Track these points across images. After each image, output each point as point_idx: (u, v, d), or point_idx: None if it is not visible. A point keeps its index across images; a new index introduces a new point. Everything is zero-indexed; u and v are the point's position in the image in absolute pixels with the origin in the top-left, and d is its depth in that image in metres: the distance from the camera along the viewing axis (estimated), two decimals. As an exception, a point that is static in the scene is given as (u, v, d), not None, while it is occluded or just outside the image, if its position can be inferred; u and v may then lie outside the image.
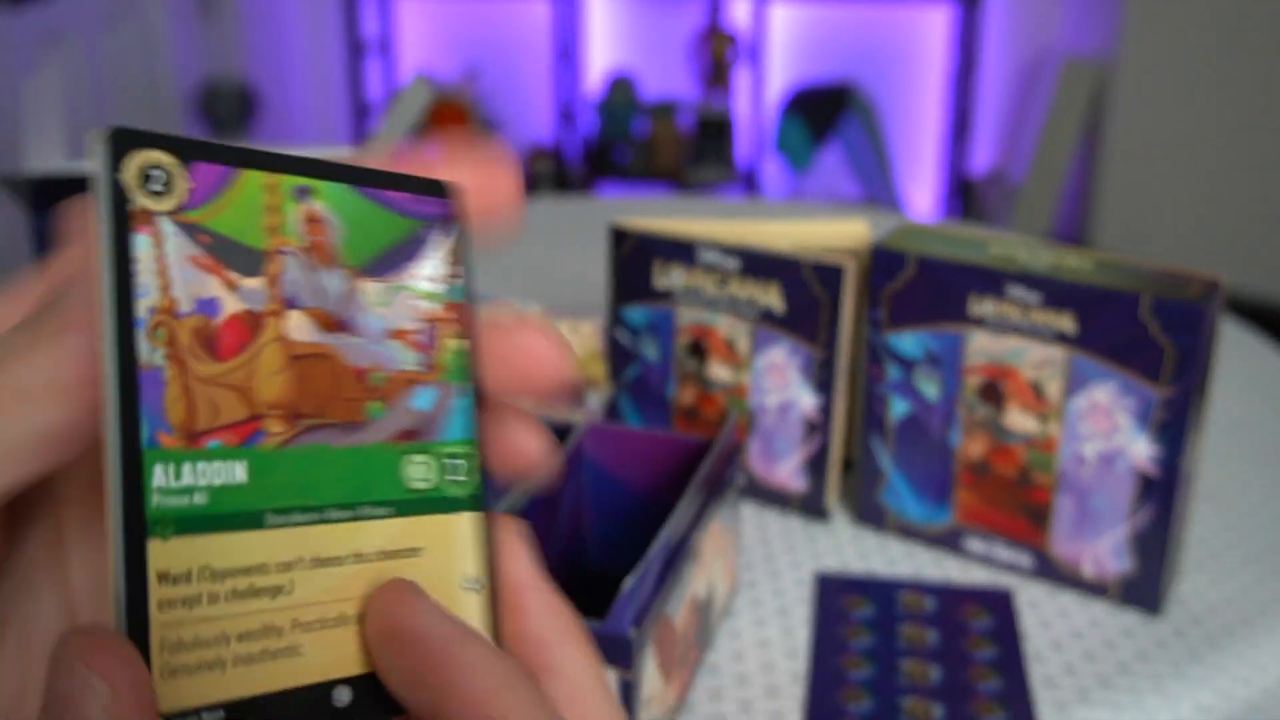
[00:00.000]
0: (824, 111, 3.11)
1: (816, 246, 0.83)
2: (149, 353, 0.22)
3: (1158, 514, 0.70)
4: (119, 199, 0.22)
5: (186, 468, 0.23)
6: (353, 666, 0.24)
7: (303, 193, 0.25)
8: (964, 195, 3.14)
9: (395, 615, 0.24)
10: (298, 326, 0.24)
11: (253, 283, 0.24)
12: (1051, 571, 0.75)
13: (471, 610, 0.26)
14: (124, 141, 0.22)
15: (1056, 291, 0.70)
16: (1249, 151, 2.54)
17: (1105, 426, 0.70)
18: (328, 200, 0.25)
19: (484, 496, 0.26)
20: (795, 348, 0.79)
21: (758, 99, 3.18)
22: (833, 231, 0.85)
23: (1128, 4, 2.60)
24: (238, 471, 0.23)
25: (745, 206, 1.61)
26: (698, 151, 3.22)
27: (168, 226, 0.23)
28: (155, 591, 0.22)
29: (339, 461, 0.25)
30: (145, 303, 0.22)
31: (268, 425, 0.24)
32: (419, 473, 0.26)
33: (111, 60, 2.77)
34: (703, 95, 3.20)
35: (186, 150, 0.23)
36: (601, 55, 3.33)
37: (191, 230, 0.23)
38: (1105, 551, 0.73)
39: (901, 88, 3.20)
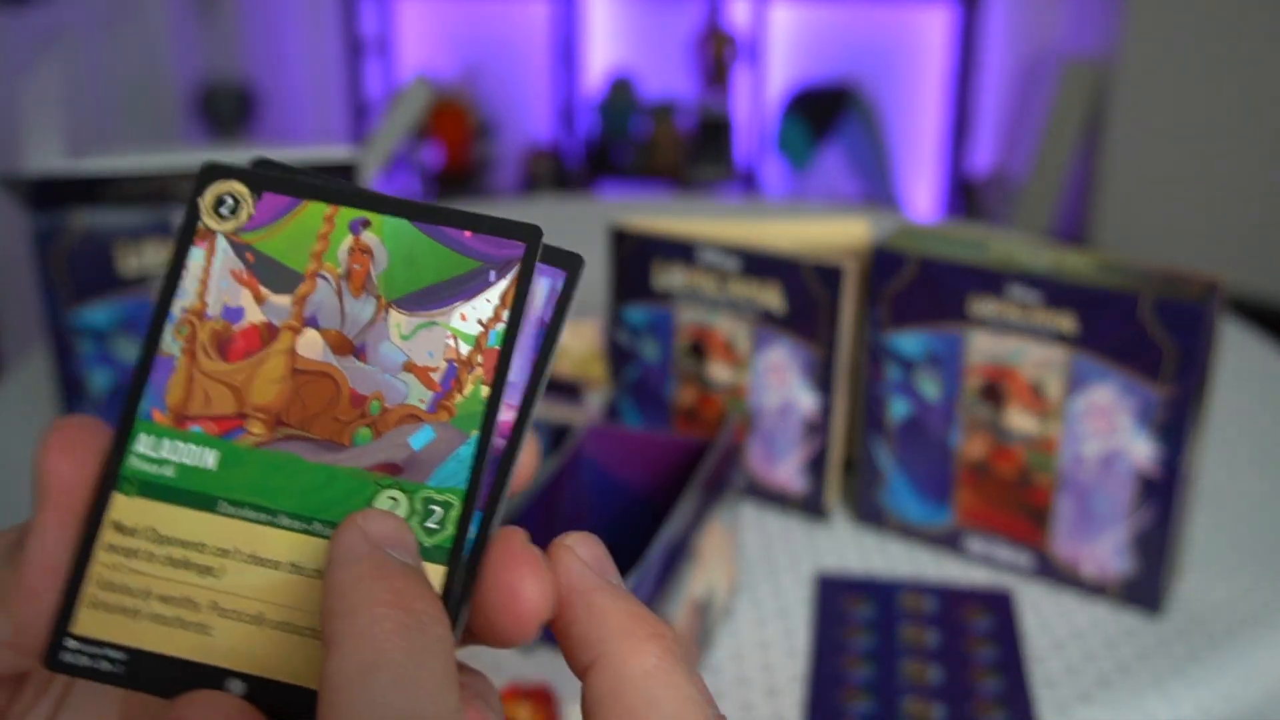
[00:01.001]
0: (824, 111, 3.11)
1: (816, 246, 0.83)
2: (170, 343, 0.27)
3: (1158, 514, 0.70)
4: (192, 218, 0.27)
5: (166, 443, 0.26)
6: (254, 665, 0.25)
7: (360, 224, 0.27)
8: (964, 195, 3.14)
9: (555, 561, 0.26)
10: (309, 344, 0.27)
11: (281, 300, 0.27)
12: (1052, 572, 0.75)
13: None
14: (211, 173, 0.27)
15: (1056, 291, 0.70)
16: (1249, 151, 2.54)
17: (1105, 426, 0.70)
18: (382, 233, 0.27)
19: (455, 552, 0.25)
20: (795, 348, 0.79)
21: (758, 99, 3.18)
22: (833, 231, 0.85)
23: (1128, 4, 2.60)
24: (208, 458, 0.26)
25: (745, 206, 1.61)
26: (698, 151, 3.22)
27: (222, 243, 0.27)
28: (106, 535, 0.26)
29: (306, 475, 0.26)
30: (181, 303, 0.27)
31: (250, 425, 0.26)
32: (388, 508, 0.26)
33: (111, 60, 2.77)
34: (703, 95, 3.20)
35: (261, 183, 0.27)
36: (601, 55, 3.33)
37: (241, 249, 0.27)
38: (1105, 551, 0.72)
39: (901, 88, 3.20)
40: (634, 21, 3.31)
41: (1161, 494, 0.69)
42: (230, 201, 0.27)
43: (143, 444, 0.26)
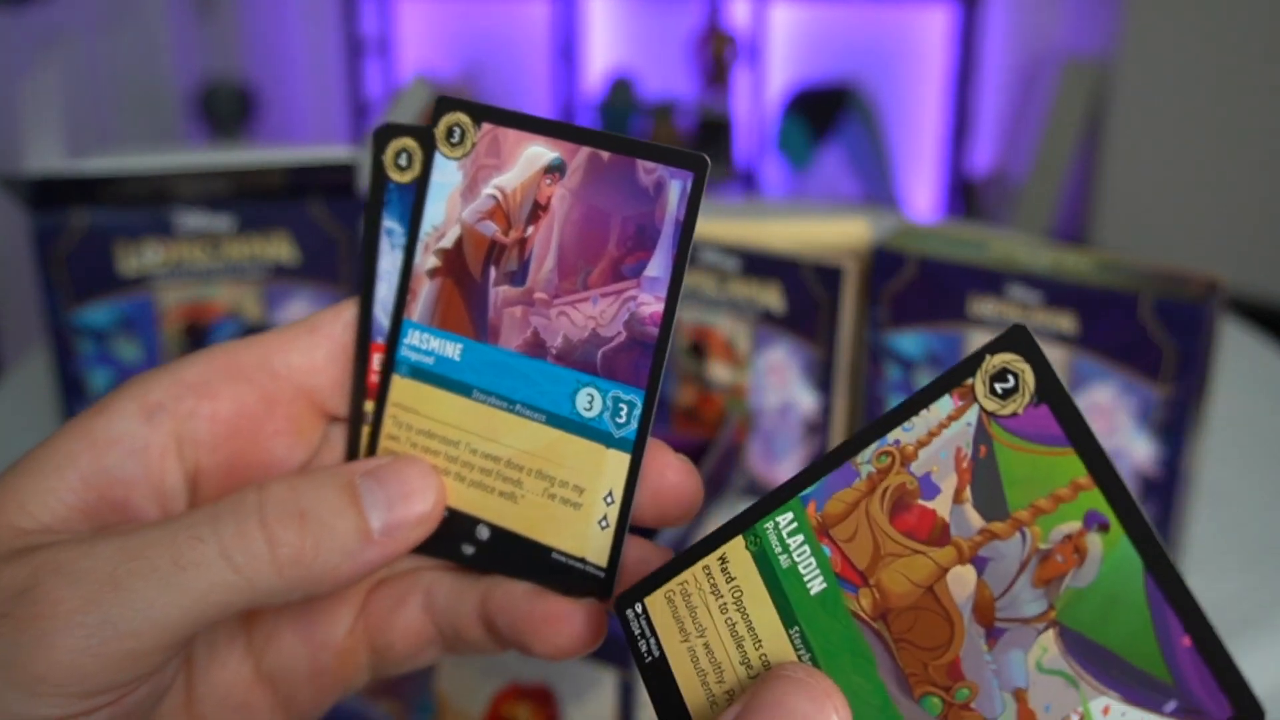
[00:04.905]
0: (824, 111, 3.11)
1: (816, 246, 0.83)
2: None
3: (1158, 514, 0.70)
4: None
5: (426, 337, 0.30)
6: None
7: (1090, 521, 0.23)
8: (964, 195, 3.14)
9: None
10: (961, 582, 0.24)
11: (984, 521, 0.24)
12: (1052, 572, 0.75)
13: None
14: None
15: (1057, 291, 0.70)
16: (1249, 151, 2.54)
17: (1106, 427, 0.70)
18: (1109, 554, 0.23)
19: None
20: (795, 348, 0.79)
21: (758, 99, 3.18)
22: (833, 231, 0.85)
23: (1128, 4, 2.60)
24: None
25: (745, 206, 1.61)
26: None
27: (975, 415, 0.25)
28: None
29: (878, 698, 0.24)
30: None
31: (863, 592, 0.25)
32: None
33: (111, 60, 2.77)
34: (703, 95, 3.20)
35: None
36: (601, 55, 3.33)
37: (982, 436, 0.24)
38: (1105, 552, 0.72)
39: (901, 88, 3.20)
40: (634, 21, 3.31)
41: (1161, 494, 0.69)
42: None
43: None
